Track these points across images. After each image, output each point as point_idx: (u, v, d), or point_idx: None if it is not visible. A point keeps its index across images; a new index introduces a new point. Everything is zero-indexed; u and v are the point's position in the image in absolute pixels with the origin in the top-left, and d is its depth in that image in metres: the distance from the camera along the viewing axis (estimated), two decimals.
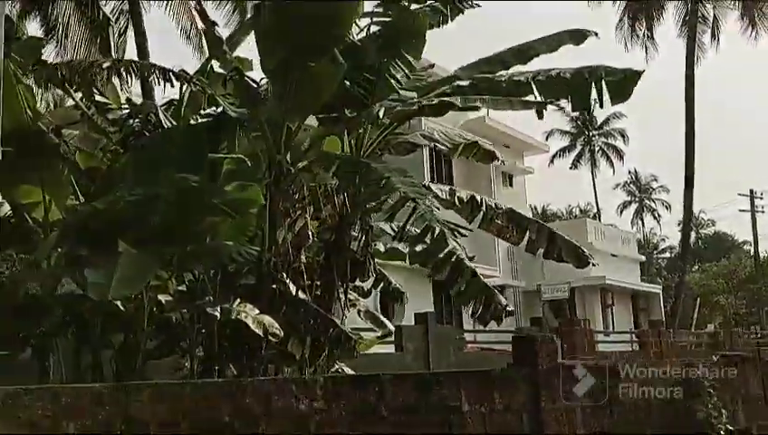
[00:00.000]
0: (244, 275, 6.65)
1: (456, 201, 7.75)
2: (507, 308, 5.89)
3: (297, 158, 6.81)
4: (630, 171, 68.25)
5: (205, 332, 6.11)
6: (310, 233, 6.83)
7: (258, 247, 6.38)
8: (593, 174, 60.48)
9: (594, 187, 61.14)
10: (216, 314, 5.60)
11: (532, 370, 6.14)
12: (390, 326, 8.57)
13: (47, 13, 18.07)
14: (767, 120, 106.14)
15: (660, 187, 68.23)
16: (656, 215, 68.98)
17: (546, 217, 53.90)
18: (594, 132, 60.34)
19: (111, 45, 18.56)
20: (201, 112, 7.52)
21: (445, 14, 7.60)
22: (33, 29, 17.90)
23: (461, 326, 19.07)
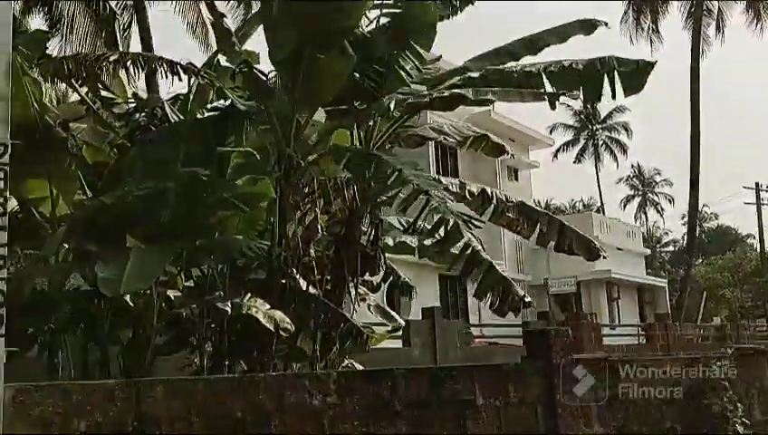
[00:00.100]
0: (254, 269, 6.57)
1: (467, 194, 7.69)
2: (525, 299, 5.83)
3: (307, 151, 6.73)
4: (634, 165, 68.19)
5: (214, 327, 6.04)
6: (320, 227, 6.76)
7: (268, 242, 6.32)
8: (597, 168, 60.31)
9: (598, 181, 60.77)
10: (227, 308, 5.51)
11: (546, 363, 6.09)
12: (401, 320, 8.50)
13: (51, 7, 17.96)
14: None
15: (664, 180, 68.06)
16: (659, 209, 68.92)
17: (549, 212, 53.60)
18: (598, 126, 60.11)
19: (117, 40, 18.45)
20: (208, 106, 7.44)
21: (455, 5, 7.51)
22: (37, 24, 17.82)
23: (467, 320, 19.04)
